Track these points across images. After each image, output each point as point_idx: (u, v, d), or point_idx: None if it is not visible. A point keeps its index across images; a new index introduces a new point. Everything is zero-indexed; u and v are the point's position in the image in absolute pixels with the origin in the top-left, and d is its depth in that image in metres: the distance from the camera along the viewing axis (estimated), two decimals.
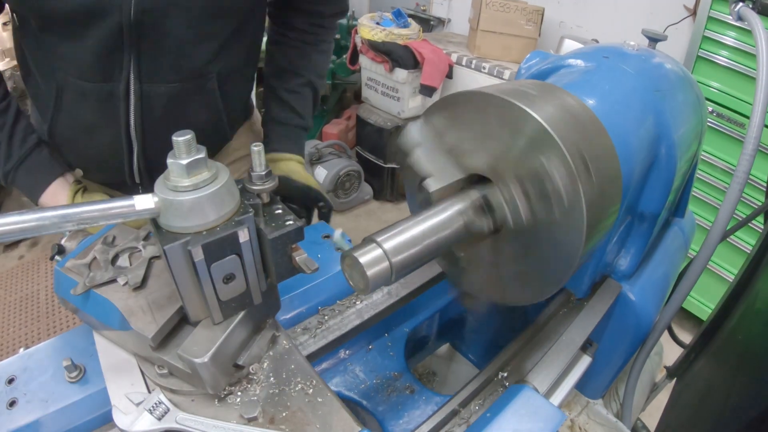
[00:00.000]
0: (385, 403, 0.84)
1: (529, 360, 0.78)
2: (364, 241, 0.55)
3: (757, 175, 2.23)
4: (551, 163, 0.56)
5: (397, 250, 0.54)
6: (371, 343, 0.92)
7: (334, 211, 3.96)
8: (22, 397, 0.68)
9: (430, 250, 0.58)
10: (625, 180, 0.67)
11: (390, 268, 0.53)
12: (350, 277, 0.55)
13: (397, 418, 0.82)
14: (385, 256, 0.53)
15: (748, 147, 0.86)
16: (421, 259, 0.57)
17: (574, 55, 0.91)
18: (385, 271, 0.52)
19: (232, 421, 0.60)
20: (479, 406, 0.75)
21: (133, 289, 0.64)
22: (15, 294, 2.95)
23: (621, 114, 0.77)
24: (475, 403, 0.75)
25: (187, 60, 1.02)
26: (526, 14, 3.31)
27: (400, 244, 0.55)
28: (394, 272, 0.53)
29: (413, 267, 0.57)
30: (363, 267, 0.52)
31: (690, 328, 2.79)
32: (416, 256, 0.56)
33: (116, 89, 0.99)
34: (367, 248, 0.54)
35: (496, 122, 0.60)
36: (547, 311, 0.88)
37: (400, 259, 0.54)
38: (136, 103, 1.02)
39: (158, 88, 1.02)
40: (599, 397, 1.06)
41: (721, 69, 2.35)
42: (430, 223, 0.59)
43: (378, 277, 0.52)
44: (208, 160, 0.56)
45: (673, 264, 1.08)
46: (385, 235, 0.55)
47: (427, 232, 0.58)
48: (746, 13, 0.97)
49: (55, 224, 0.48)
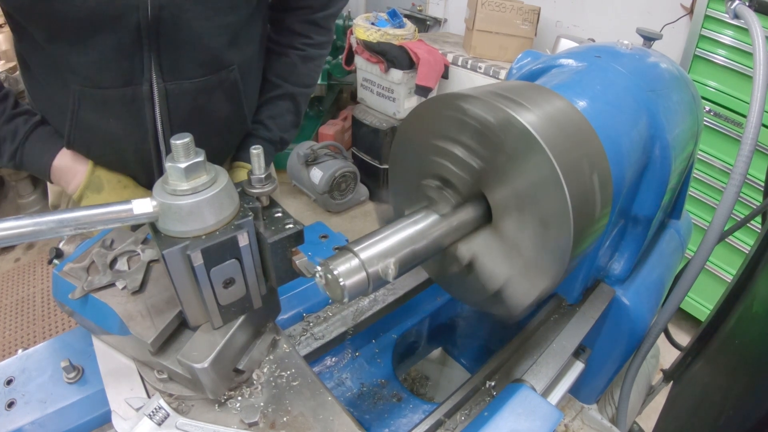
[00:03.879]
0: (372, 411, 0.82)
1: (518, 367, 0.76)
2: (341, 250, 0.53)
3: (755, 175, 2.21)
4: (536, 168, 0.54)
5: (375, 259, 0.53)
6: (358, 350, 0.91)
7: (330, 212, 3.94)
8: (21, 398, 0.68)
9: (409, 258, 0.56)
10: (616, 183, 0.65)
11: (367, 278, 0.51)
12: (327, 288, 0.53)
13: (383, 426, 0.81)
14: (362, 266, 0.51)
15: (745, 147, 0.84)
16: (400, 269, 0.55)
17: (565, 55, 0.90)
18: (362, 281, 0.51)
19: (233, 426, 0.60)
20: (465, 416, 0.74)
21: (132, 293, 0.64)
22: (11, 297, 2.93)
23: (612, 115, 0.75)
24: (461, 413, 0.74)
25: (207, 53, 1.00)
26: (522, 14, 3.29)
27: (378, 253, 0.53)
28: (371, 283, 0.51)
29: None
30: (338, 278, 0.50)
31: (688, 329, 2.77)
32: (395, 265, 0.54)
33: (139, 91, 0.97)
34: (342, 258, 0.52)
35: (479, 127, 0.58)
36: (537, 317, 0.86)
37: (377, 269, 0.52)
38: (162, 103, 1.00)
39: (182, 85, 1.00)
40: (594, 402, 1.05)
41: (719, 68, 2.33)
42: (409, 231, 0.57)
43: (355, 288, 0.51)
44: (207, 164, 0.55)
45: (668, 267, 1.06)
46: (362, 245, 0.53)
47: (406, 240, 0.56)
48: (743, 11, 0.96)
49: (52, 229, 0.48)
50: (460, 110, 0.59)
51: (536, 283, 0.60)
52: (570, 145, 0.55)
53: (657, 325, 1.00)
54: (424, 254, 0.58)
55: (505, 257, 0.62)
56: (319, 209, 3.76)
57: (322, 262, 0.52)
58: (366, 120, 3.65)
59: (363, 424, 0.80)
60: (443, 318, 1.07)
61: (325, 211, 3.74)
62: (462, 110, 0.59)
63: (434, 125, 0.64)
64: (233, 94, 1.11)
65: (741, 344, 0.99)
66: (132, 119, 1.01)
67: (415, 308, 0.99)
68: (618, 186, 0.69)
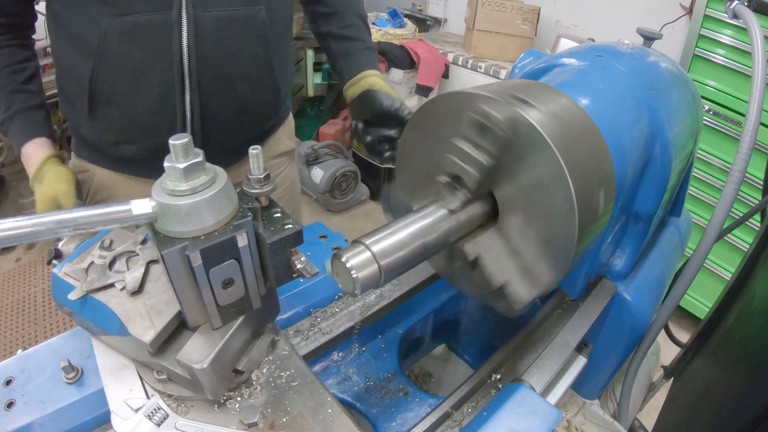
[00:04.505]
0: (379, 405, 0.83)
1: (522, 362, 0.77)
2: (353, 243, 0.54)
3: (754, 174, 2.22)
4: (542, 165, 0.55)
5: (386, 252, 0.53)
6: (364, 345, 0.91)
7: (331, 211, 3.93)
8: (20, 398, 0.68)
9: (419, 252, 0.57)
10: (618, 180, 0.67)
11: (379, 271, 0.52)
12: (339, 280, 0.54)
13: (390, 420, 0.81)
14: (373, 258, 0.52)
15: (744, 146, 0.85)
16: (410, 261, 0.56)
17: (567, 54, 0.91)
18: (374, 274, 0.52)
19: (232, 426, 0.60)
20: (472, 408, 0.74)
21: (131, 293, 0.63)
22: (12, 297, 2.94)
23: (614, 113, 0.76)
24: (468, 406, 0.75)
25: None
26: (522, 14, 3.30)
27: (389, 246, 0.54)
28: (383, 275, 0.52)
29: (403, 269, 0.56)
30: (351, 270, 0.51)
31: (687, 327, 2.78)
32: (406, 258, 0.55)
33: (168, 17, 0.98)
34: (355, 251, 0.53)
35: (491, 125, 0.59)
36: (541, 312, 0.87)
37: (389, 261, 0.53)
38: (190, 30, 1.00)
39: (211, 13, 1.01)
40: (596, 398, 1.05)
41: (718, 67, 2.34)
42: (419, 224, 0.58)
43: (367, 281, 0.51)
44: (206, 164, 0.55)
45: (669, 263, 1.07)
46: (373, 238, 0.54)
47: (416, 233, 0.57)
48: (742, 11, 0.97)
49: (51, 230, 0.48)
50: (473, 108, 0.60)
51: (540, 278, 0.61)
52: (575, 142, 0.56)
53: (658, 321, 1.01)
54: (433, 248, 0.59)
55: (511, 252, 0.63)
56: (319, 209, 3.77)
57: (334, 255, 0.53)
58: None
59: (370, 418, 0.82)
60: (447, 314, 1.08)
61: (325, 211, 3.74)
62: (475, 108, 0.60)
63: (446, 122, 0.65)
64: (261, 35, 1.10)
65: (741, 340, 1.00)
66: (159, 48, 1.01)
67: (420, 304, 0.99)
68: (620, 183, 0.70)
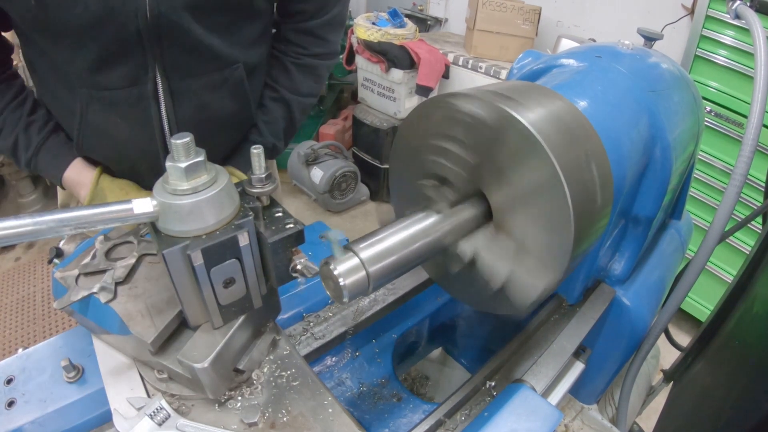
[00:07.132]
0: (372, 411, 0.82)
1: (518, 368, 0.76)
2: (344, 248, 0.53)
3: (755, 176, 2.21)
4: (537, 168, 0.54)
5: (375, 258, 0.52)
6: (358, 349, 0.91)
7: (331, 212, 3.93)
8: (21, 397, 0.68)
9: (411, 257, 0.56)
10: (617, 183, 0.65)
11: (367, 277, 0.51)
12: (327, 287, 0.53)
13: (383, 426, 0.81)
14: (362, 265, 0.51)
15: (746, 148, 0.84)
16: (401, 267, 0.55)
17: (566, 55, 0.90)
18: (362, 281, 0.51)
19: (233, 426, 0.60)
20: (465, 416, 0.74)
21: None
22: (12, 296, 2.93)
23: (613, 115, 0.75)
24: (461, 413, 0.74)
25: (209, 51, 1.01)
26: (523, 14, 3.29)
27: (379, 252, 0.53)
28: (371, 282, 0.51)
29: (394, 275, 0.55)
30: (338, 277, 0.50)
31: (688, 329, 2.77)
32: (396, 264, 0.54)
33: (145, 91, 0.98)
34: (343, 257, 0.52)
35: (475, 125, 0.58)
36: (537, 318, 0.86)
37: (377, 268, 0.52)
38: (167, 101, 1.00)
39: (187, 82, 1.01)
40: (594, 402, 1.04)
41: (720, 68, 2.33)
42: (409, 229, 0.57)
43: (354, 288, 0.50)
44: (207, 163, 0.55)
45: (669, 267, 1.06)
46: (362, 244, 0.53)
47: (406, 238, 0.56)
48: (744, 11, 0.96)
49: (52, 228, 0.47)
50: (455, 110, 0.59)
51: (537, 283, 0.60)
52: (570, 145, 0.54)
53: (657, 325, 1.00)
54: (424, 253, 0.58)
55: (505, 257, 0.62)
56: (319, 209, 3.76)
57: (323, 262, 0.52)
58: (366, 120, 3.65)
59: (363, 424, 0.80)
60: (443, 318, 1.07)
61: (325, 211, 3.74)
62: (457, 109, 0.59)
63: (431, 125, 0.64)
64: (239, 92, 1.10)
65: (741, 345, 0.98)
66: (139, 119, 1.01)
67: (416, 308, 0.99)
68: (619, 186, 0.69)
